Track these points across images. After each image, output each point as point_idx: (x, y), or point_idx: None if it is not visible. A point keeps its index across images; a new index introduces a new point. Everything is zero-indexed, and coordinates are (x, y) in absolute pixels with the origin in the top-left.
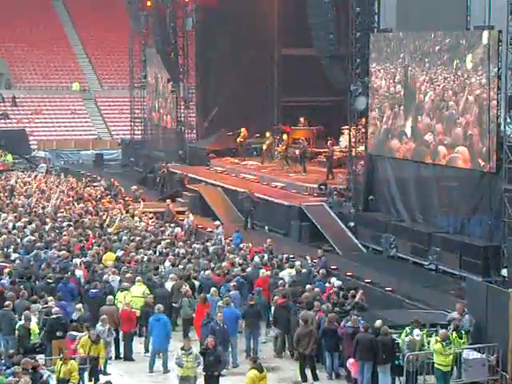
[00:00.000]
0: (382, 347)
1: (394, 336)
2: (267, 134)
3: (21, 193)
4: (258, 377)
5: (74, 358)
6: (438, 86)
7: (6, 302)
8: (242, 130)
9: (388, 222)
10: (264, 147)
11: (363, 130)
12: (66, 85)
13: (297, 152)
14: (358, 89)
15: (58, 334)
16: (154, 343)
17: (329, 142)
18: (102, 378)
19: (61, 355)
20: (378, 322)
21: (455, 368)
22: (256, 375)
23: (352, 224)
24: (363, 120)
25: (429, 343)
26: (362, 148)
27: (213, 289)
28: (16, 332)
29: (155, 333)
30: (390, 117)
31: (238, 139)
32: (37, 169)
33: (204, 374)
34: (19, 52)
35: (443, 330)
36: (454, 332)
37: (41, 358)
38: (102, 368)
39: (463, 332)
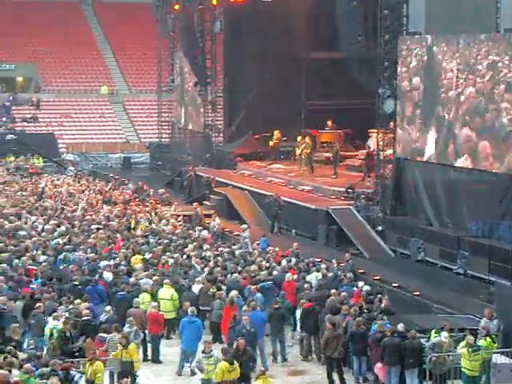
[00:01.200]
0: (409, 351)
1: (422, 340)
2: (298, 138)
3: (50, 196)
4: (228, 368)
5: (102, 360)
6: (468, 89)
7: (38, 304)
8: (276, 132)
9: (416, 225)
10: (298, 151)
11: (391, 133)
12: (94, 88)
13: (329, 155)
14: (386, 92)
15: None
16: (183, 345)
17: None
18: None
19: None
20: (401, 326)
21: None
22: (226, 367)
23: (380, 228)
24: (391, 123)
25: (456, 347)
26: (389, 151)
27: (234, 291)
28: (54, 335)
29: (186, 334)
30: (418, 120)
31: (272, 142)
32: (65, 172)
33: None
34: (48, 56)
35: (470, 336)
36: (488, 337)
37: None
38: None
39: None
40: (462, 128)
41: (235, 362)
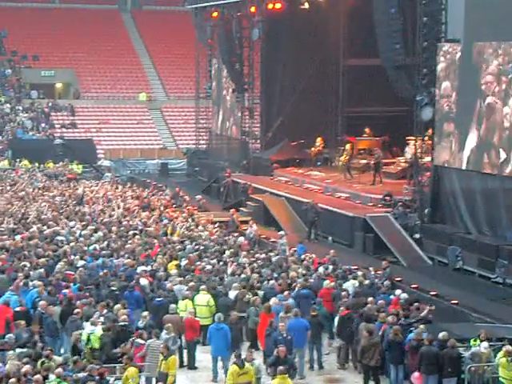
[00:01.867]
0: (447, 360)
1: (460, 349)
2: (347, 146)
3: (88, 201)
4: (238, 372)
5: (138, 366)
6: (507, 97)
7: (76, 310)
8: (318, 139)
9: (454, 234)
10: (342, 158)
11: (429, 140)
12: (132, 95)
13: (366, 162)
14: (424, 99)
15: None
16: (213, 351)
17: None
18: None
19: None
20: (443, 335)
21: None
22: (236, 370)
23: (418, 236)
24: (429, 131)
25: (495, 357)
26: (428, 159)
27: (273, 299)
28: (91, 340)
29: (214, 341)
30: (457, 127)
31: (314, 148)
32: (102, 178)
33: None
34: (87, 63)
35: (509, 346)
36: None
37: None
38: None
39: None
40: (504, 136)
41: (246, 365)
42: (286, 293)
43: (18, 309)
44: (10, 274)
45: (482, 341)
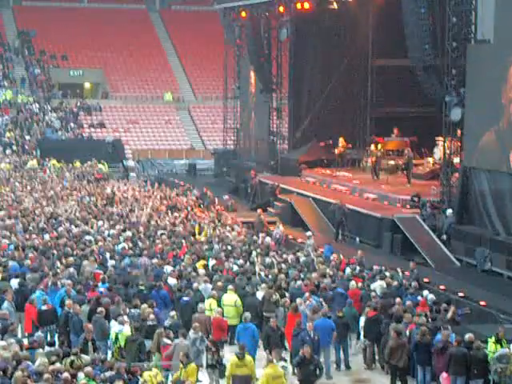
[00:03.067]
0: (474, 362)
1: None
2: (372, 147)
3: (116, 201)
4: (237, 363)
5: (165, 365)
6: None
7: (99, 309)
8: (341, 139)
9: (482, 235)
10: (371, 160)
11: (458, 141)
12: (160, 95)
13: (394, 163)
14: (453, 100)
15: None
16: None
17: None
18: None
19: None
20: (468, 336)
21: None
22: (235, 361)
23: (445, 237)
24: (458, 131)
25: None
26: (456, 160)
27: (299, 299)
28: (119, 339)
29: (242, 340)
30: (486, 128)
31: (337, 149)
32: (128, 178)
33: None
34: (116, 62)
35: None
36: None
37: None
38: None
39: None
40: None
41: (246, 357)
42: (307, 294)
43: (44, 307)
44: (41, 273)
45: (499, 339)
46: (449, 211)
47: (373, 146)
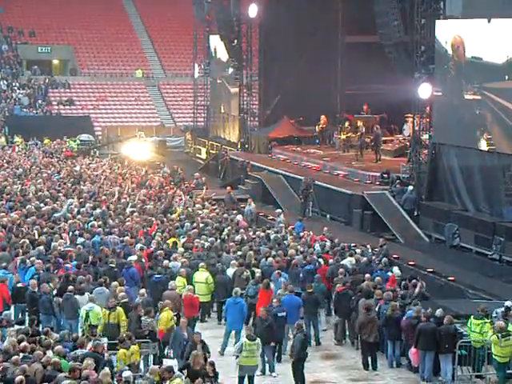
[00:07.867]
0: (444, 337)
1: (457, 326)
2: (346, 124)
3: (86, 179)
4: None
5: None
6: (506, 74)
7: (70, 287)
8: (322, 117)
9: (451, 211)
10: (343, 137)
11: (427, 118)
12: (130, 72)
13: (366, 140)
14: (422, 76)
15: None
16: (229, 324)
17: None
18: (165, 362)
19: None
20: (439, 312)
21: None
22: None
23: (415, 213)
24: (427, 108)
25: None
26: (425, 136)
27: (276, 271)
28: (89, 317)
29: (231, 315)
30: (456, 105)
31: (319, 127)
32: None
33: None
34: (84, 39)
35: (499, 322)
36: None
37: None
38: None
39: None
40: (502, 113)
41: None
42: (275, 272)
43: (19, 285)
44: (11, 252)
45: (482, 316)
46: (409, 188)
47: (346, 123)
